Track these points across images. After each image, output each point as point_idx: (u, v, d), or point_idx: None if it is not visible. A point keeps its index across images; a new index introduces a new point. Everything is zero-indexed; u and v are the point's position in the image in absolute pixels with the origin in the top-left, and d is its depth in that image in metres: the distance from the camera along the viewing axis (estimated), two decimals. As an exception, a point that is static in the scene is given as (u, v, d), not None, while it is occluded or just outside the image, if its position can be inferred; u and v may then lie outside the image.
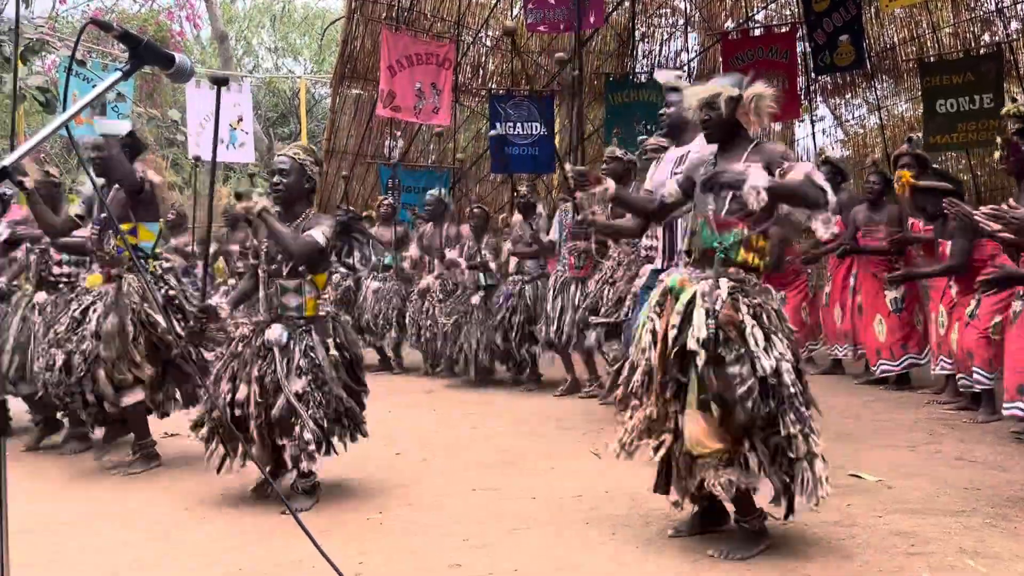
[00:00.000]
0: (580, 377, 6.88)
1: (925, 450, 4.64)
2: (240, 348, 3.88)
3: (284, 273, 3.88)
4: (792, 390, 2.90)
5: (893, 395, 6.47)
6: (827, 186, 2.93)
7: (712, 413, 2.89)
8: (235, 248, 8.83)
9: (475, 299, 7.40)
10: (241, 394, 3.77)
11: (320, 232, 3.82)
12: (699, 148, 4.73)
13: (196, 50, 22.04)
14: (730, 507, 3.19)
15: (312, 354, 3.80)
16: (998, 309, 4.95)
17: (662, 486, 3.26)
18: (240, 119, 12.19)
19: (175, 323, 4.58)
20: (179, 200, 10.97)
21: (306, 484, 3.82)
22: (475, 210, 7.80)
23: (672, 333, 2.98)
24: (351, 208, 5.21)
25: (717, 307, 2.93)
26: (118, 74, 1.72)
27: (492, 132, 8.15)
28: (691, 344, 2.90)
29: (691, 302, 3.00)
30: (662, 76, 4.37)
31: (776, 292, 3.24)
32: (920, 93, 10.69)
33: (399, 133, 12.79)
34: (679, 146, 4.11)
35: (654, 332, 3.08)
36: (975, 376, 5.25)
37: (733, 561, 3.01)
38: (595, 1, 10.17)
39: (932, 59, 10.91)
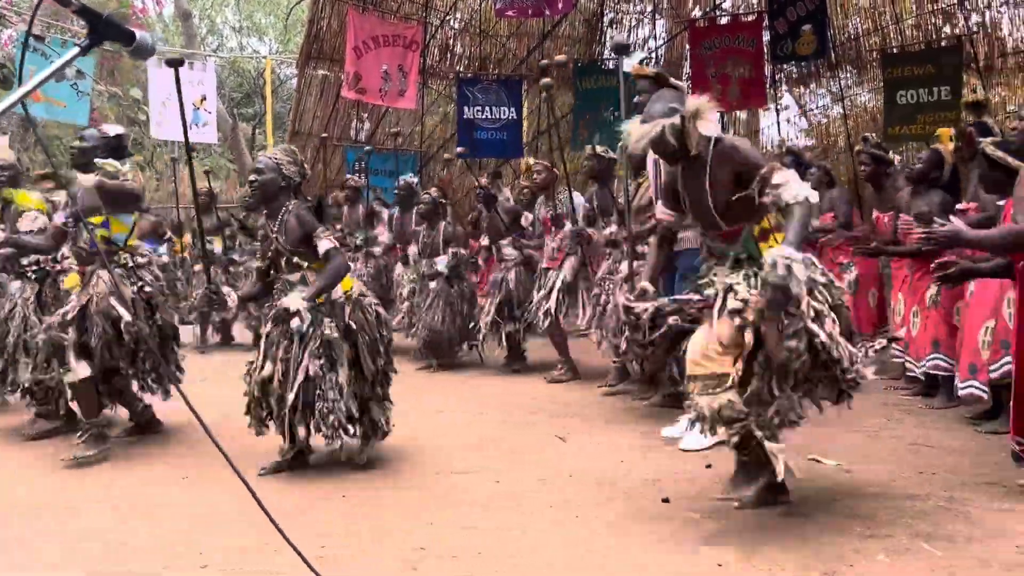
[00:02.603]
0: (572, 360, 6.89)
1: (883, 435, 4.73)
2: (270, 327, 4.08)
3: (285, 269, 4.13)
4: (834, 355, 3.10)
5: (852, 381, 6.56)
6: (809, 192, 3.05)
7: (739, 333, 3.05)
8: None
9: (434, 285, 7.38)
10: (267, 371, 3.99)
11: (326, 241, 4.03)
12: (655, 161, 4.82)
13: (159, 28, 21.63)
14: None
15: (325, 338, 3.97)
16: (957, 294, 5.05)
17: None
18: (204, 99, 12.01)
19: (143, 321, 4.53)
20: (140, 181, 10.79)
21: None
22: (424, 197, 7.69)
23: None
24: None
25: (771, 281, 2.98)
26: (76, 50, 1.68)
27: (459, 149, 8.37)
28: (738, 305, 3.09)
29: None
30: (629, 65, 4.39)
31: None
32: (882, 84, 10.85)
33: (366, 115, 12.68)
34: None
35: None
36: (939, 362, 5.34)
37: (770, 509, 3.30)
38: (564, -14, 10.15)
39: (895, 50, 11.06)
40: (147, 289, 4.61)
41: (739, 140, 3.35)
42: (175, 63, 4.28)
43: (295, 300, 3.94)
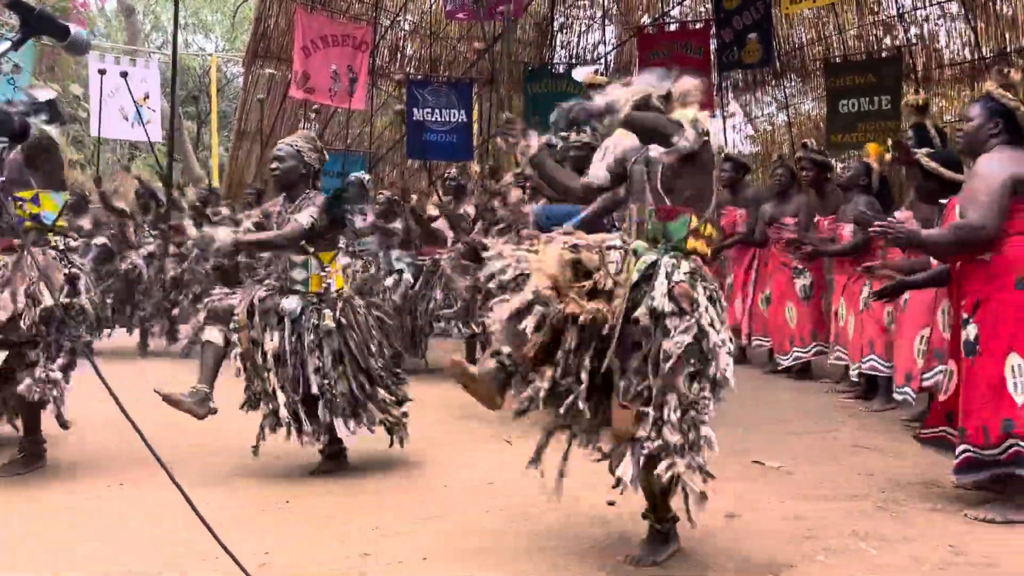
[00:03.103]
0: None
1: (824, 437, 4.82)
2: (259, 303, 4.07)
3: (292, 249, 4.10)
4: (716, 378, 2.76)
5: (795, 384, 6.69)
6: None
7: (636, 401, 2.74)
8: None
9: (388, 282, 7.33)
10: (258, 355, 4.00)
11: (306, 215, 4.02)
12: (616, 141, 4.75)
13: (101, 24, 21.15)
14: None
15: (320, 331, 4.00)
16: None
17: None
18: (147, 96, 11.78)
19: (66, 308, 4.18)
20: (80, 180, 10.51)
21: (333, 451, 4.20)
22: (379, 197, 7.66)
23: (623, 294, 2.80)
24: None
25: (675, 279, 2.77)
26: (7, 44, 1.63)
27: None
28: (641, 313, 2.73)
29: (651, 267, 2.83)
30: (580, 74, 4.36)
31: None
32: (825, 92, 11.08)
33: (314, 115, 12.55)
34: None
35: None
36: (875, 364, 5.47)
37: (647, 567, 2.90)
38: (514, -11, 10.17)
39: (837, 60, 11.31)
40: (75, 272, 4.26)
41: None
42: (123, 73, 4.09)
43: (293, 302, 3.99)
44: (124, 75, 4.14)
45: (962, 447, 3.34)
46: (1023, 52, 10.32)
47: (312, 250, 4.12)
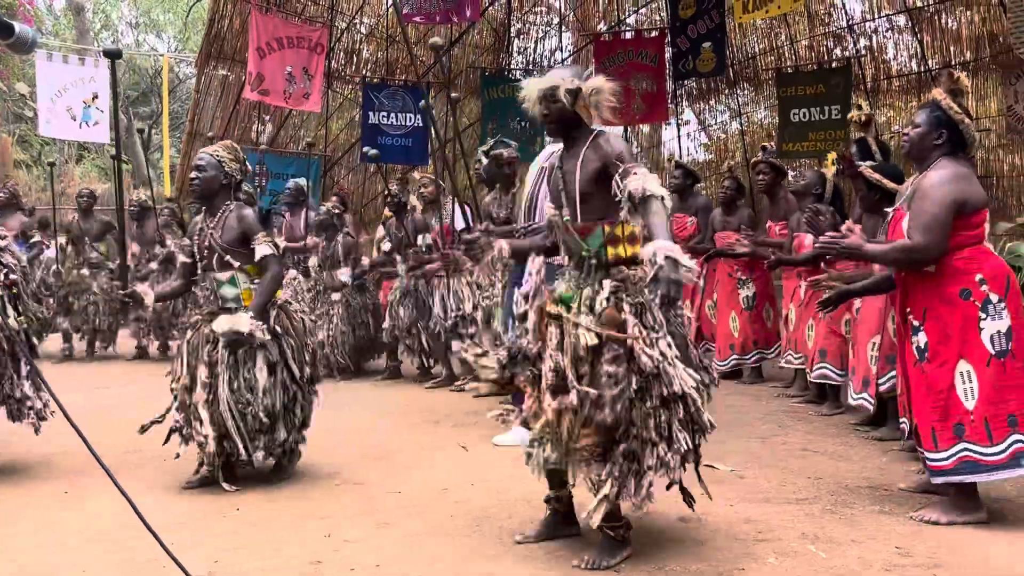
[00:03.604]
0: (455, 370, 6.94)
1: (774, 441, 4.89)
2: (190, 335, 4.03)
3: (216, 267, 4.01)
4: (673, 389, 2.85)
5: (747, 389, 6.77)
6: (663, 194, 2.85)
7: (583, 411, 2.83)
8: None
9: (336, 296, 7.31)
10: (187, 378, 3.92)
11: (266, 246, 3.98)
12: (546, 156, 4.77)
13: (49, 22, 20.70)
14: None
15: (254, 346, 3.90)
16: (846, 307, 5.28)
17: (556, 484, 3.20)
18: (95, 96, 11.52)
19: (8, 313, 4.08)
20: (14, 178, 10.26)
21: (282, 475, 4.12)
22: (321, 209, 7.63)
23: (569, 341, 2.91)
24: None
25: (599, 309, 2.89)
26: (-52, 41, 1.58)
27: (367, 149, 8.51)
28: (580, 351, 2.85)
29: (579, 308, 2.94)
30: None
31: None
32: (777, 101, 11.28)
33: (268, 117, 12.41)
34: None
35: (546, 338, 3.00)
36: (826, 372, 5.57)
37: (600, 570, 2.94)
38: (471, -6, 10.18)
39: (789, 70, 11.52)
40: (11, 277, 4.17)
41: (616, 136, 3.25)
42: (113, 55, 4.09)
43: (244, 322, 3.84)
44: (114, 56, 4.10)
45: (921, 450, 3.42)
46: (967, 65, 10.61)
47: (238, 264, 4.02)
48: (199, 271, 4.14)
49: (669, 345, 2.91)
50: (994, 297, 3.29)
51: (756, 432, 5.11)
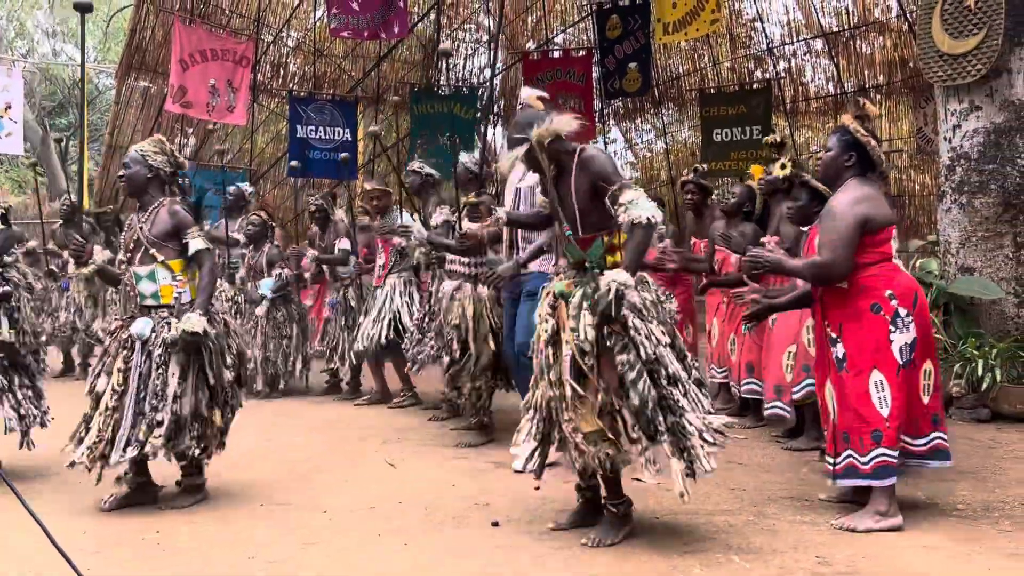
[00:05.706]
0: (390, 387, 6.85)
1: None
2: (108, 341, 3.99)
3: (136, 260, 3.94)
4: (671, 371, 3.21)
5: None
6: (653, 213, 3.19)
7: (594, 399, 3.18)
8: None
9: (260, 310, 7.15)
10: (101, 385, 3.85)
11: (199, 240, 3.95)
12: (517, 176, 4.84)
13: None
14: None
15: (168, 349, 3.81)
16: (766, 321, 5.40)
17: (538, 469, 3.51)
18: (8, 107, 11.10)
19: None
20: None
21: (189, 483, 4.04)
22: (251, 218, 7.51)
23: (570, 335, 3.23)
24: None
25: (600, 306, 3.15)
26: None
27: (293, 163, 8.55)
28: (584, 346, 3.17)
29: (580, 303, 3.24)
30: (525, 95, 4.46)
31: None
32: (700, 121, 11.55)
33: (191, 130, 12.16)
34: None
35: (550, 331, 3.36)
36: (754, 387, 5.68)
37: (604, 548, 3.25)
38: (399, 11, 10.15)
39: (712, 91, 11.81)
40: (4, 289, 4.23)
41: (598, 152, 3.57)
42: (83, 8, 4.04)
43: (197, 322, 3.77)
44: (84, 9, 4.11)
45: (846, 452, 3.52)
46: (880, 88, 11.06)
47: (161, 259, 3.92)
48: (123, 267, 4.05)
49: (663, 332, 3.29)
50: (903, 311, 3.47)
51: (682, 445, 5.17)
